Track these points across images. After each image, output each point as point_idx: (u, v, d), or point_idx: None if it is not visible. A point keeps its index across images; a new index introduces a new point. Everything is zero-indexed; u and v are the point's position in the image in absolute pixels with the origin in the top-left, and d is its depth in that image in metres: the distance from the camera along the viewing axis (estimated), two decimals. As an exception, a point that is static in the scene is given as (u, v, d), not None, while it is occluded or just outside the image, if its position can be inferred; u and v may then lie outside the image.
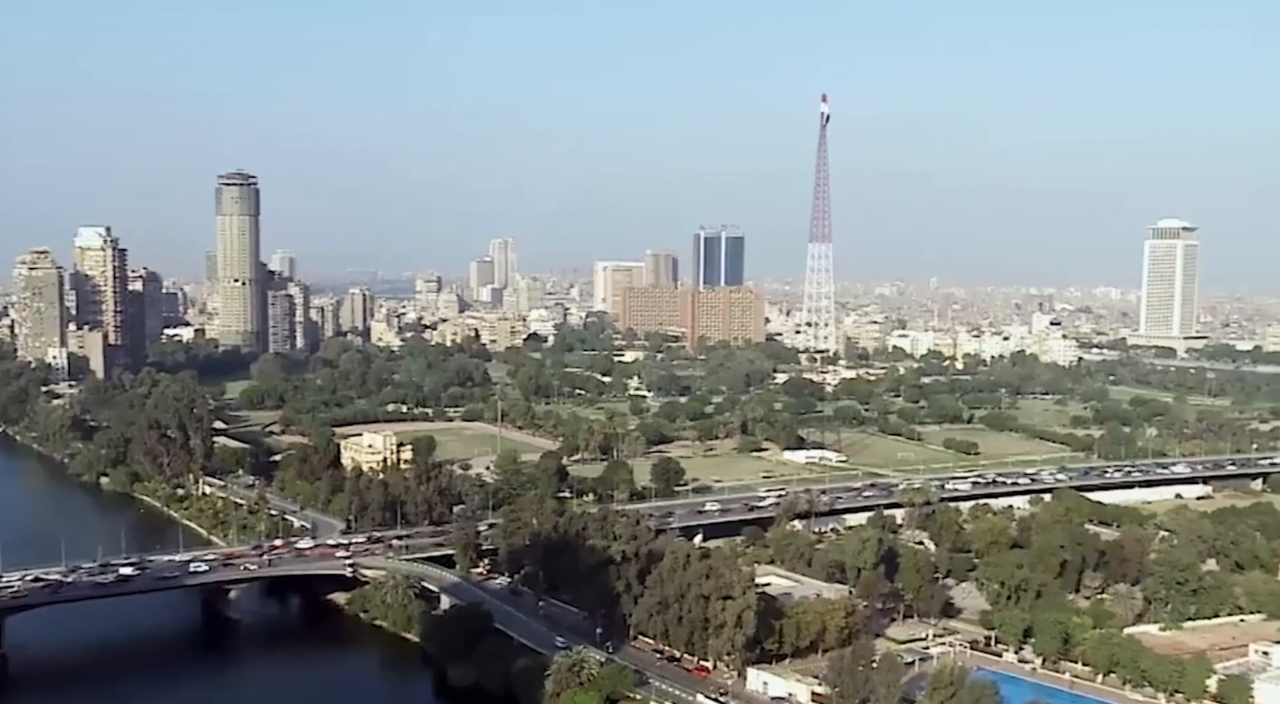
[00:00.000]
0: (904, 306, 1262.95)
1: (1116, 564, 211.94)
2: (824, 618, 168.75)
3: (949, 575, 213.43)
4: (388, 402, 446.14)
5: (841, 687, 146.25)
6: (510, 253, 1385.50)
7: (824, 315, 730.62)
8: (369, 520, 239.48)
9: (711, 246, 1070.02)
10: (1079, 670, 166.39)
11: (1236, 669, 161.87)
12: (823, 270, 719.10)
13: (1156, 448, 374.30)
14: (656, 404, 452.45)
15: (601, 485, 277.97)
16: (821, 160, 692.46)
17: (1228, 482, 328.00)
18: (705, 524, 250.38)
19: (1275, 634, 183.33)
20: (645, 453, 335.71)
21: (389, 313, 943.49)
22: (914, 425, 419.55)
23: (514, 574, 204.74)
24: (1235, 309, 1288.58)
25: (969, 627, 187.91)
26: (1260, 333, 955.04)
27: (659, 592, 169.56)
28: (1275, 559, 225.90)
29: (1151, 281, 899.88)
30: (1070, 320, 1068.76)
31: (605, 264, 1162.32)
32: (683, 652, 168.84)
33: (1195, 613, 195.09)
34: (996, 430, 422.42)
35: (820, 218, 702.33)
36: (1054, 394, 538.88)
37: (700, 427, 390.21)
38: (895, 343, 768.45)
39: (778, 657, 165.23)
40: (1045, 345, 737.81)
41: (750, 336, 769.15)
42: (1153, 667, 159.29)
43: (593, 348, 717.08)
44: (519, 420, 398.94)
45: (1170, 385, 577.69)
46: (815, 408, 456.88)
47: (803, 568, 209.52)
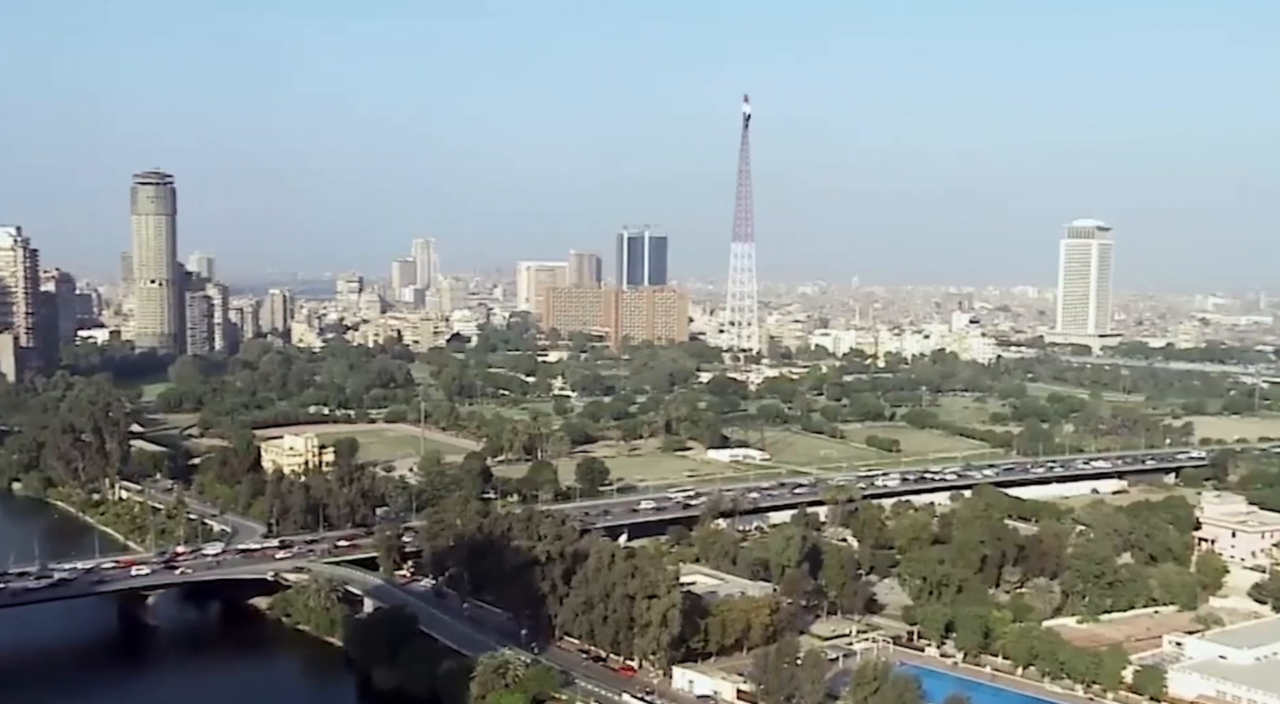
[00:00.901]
0: (826, 305, 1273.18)
1: (1035, 558, 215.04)
2: (749, 616, 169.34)
3: (872, 572, 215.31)
4: (309, 403, 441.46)
5: (766, 684, 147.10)
6: (433, 253, 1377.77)
7: (747, 314, 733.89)
8: (291, 523, 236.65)
9: (635, 246, 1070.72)
10: (999, 664, 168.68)
11: (1151, 660, 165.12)
12: (746, 270, 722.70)
13: (1073, 444, 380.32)
14: (581, 404, 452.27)
15: (526, 486, 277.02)
16: (744, 160, 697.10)
17: (1142, 476, 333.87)
18: (630, 524, 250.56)
19: (1188, 625, 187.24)
20: (570, 453, 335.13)
21: (310, 314, 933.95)
22: (836, 423, 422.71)
23: (438, 576, 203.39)
24: (1148, 307, 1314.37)
25: (892, 622, 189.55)
26: (1172, 330, 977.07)
27: (584, 592, 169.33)
28: (1188, 551, 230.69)
29: (1067, 280, 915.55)
30: (989, 319, 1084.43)
31: (529, 264, 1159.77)
32: (608, 651, 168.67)
33: (1111, 605, 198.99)
34: (918, 428, 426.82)
35: (743, 217, 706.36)
36: (974, 391, 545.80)
37: (625, 426, 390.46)
38: (818, 342, 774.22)
39: (703, 655, 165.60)
40: (965, 343, 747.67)
41: (674, 336, 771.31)
42: (1071, 659, 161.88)
43: (516, 348, 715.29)
44: (442, 421, 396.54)
45: (1086, 382, 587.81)
46: (739, 407, 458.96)
47: (727, 566, 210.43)
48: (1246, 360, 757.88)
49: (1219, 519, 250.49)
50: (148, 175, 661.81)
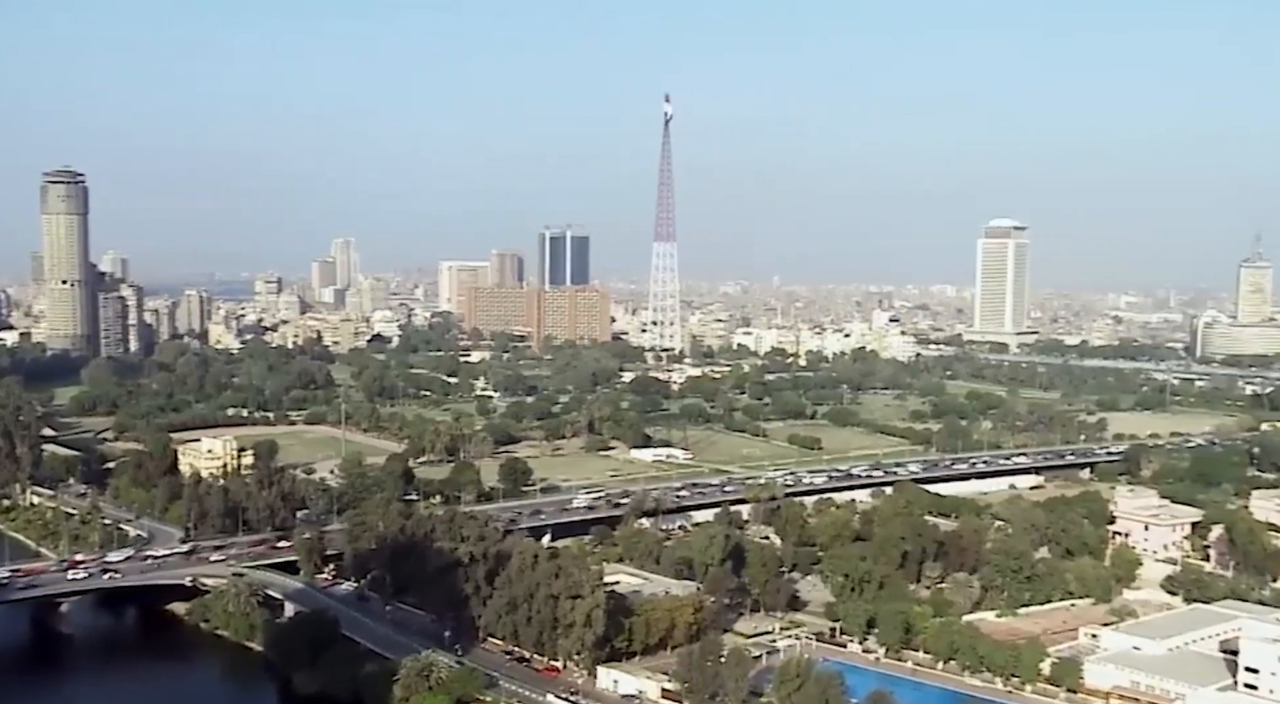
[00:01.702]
0: (748, 305, 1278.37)
1: (955, 554, 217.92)
2: (673, 615, 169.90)
3: (794, 569, 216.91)
4: (227, 406, 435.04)
5: (691, 682, 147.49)
6: (353, 253, 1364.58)
7: (669, 314, 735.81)
8: (209, 527, 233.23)
9: (557, 246, 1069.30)
10: (920, 658, 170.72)
11: (1068, 652, 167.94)
12: (668, 269, 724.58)
13: (991, 440, 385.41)
14: (503, 404, 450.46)
15: (448, 487, 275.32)
16: (665, 160, 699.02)
17: (1058, 472, 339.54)
18: (553, 524, 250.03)
19: (1103, 617, 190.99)
20: (493, 453, 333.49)
21: (227, 315, 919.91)
22: (759, 422, 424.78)
23: (360, 579, 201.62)
24: (1063, 305, 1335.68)
25: (814, 619, 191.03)
26: (1086, 328, 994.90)
27: (508, 593, 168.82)
28: (1102, 545, 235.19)
29: (985, 279, 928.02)
30: (909, 317, 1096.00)
31: (450, 264, 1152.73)
32: (532, 652, 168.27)
33: (1029, 599, 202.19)
34: (839, 426, 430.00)
35: (665, 217, 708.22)
36: (894, 389, 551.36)
37: (547, 426, 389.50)
38: (740, 341, 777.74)
39: (627, 654, 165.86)
40: (885, 342, 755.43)
41: (596, 336, 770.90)
42: (990, 652, 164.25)
43: (438, 348, 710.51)
44: (363, 423, 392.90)
45: (1003, 379, 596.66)
46: (661, 406, 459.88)
47: (651, 566, 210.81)
48: (1158, 357, 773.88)
49: (1132, 513, 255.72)
50: (58, 174, 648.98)
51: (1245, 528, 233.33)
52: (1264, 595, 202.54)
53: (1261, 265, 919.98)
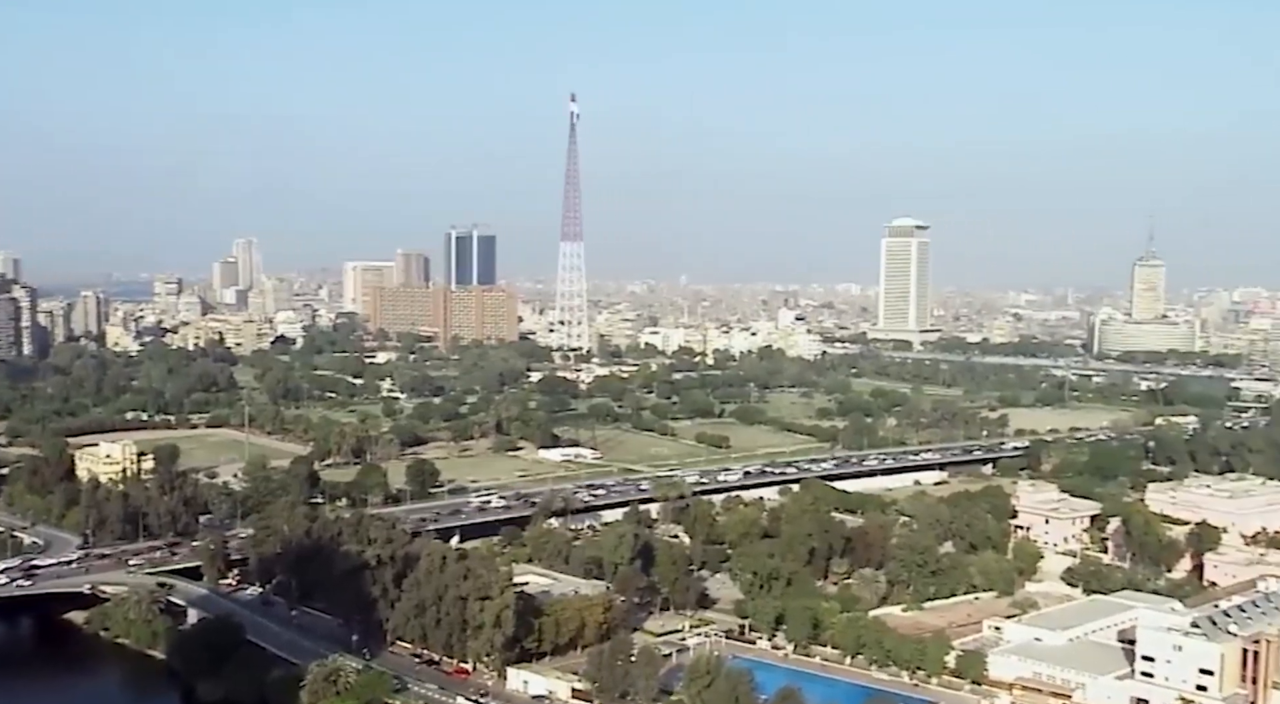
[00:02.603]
0: (655, 304, 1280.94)
1: (861, 550, 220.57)
2: (582, 614, 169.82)
3: (704, 567, 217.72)
4: (126, 409, 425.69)
5: (601, 682, 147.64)
6: (255, 253, 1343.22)
7: (576, 313, 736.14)
8: (108, 534, 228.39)
9: (463, 246, 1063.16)
10: (829, 653, 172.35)
11: (972, 645, 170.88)
12: (575, 269, 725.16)
13: (896, 437, 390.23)
14: (410, 405, 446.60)
15: (355, 489, 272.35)
16: (572, 160, 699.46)
17: (961, 467, 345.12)
18: (462, 525, 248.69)
19: (1006, 610, 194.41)
20: (400, 455, 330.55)
21: (126, 316, 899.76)
22: (667, 421, 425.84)
23: (265, 584, 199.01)
24: (965, 303, 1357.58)
25: (724, 616, 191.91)
26: (987, 326, 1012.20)
27: (416, 595, 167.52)
28: (1005, 539, 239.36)
29: (888, 278, 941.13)
30: (814, 316, 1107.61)
31: (355, 264, 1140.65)
32: (442, 654, 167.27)
33: (934, 593, 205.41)
34: (746, 424, 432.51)
35: (571, 217, 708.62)
36: (800, 387, 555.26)
37: (455, 427, 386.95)
38: (647, 340, 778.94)
39: (538, 655, 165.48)
40: (791, 340, 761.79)
41: (504, 336, 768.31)
42: (896, 646, 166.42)
43: (343, 350, 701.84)
44: (267, 425, 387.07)
45: (908, 377, 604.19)
46: (569, 406, 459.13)
47: (560, 566, 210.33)
48: (1057, 354, 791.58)
49: (1033, 507, 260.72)
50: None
51: (1141, 520, 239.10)
52: (1159, 586, 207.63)
53: (1155, 264, 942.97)
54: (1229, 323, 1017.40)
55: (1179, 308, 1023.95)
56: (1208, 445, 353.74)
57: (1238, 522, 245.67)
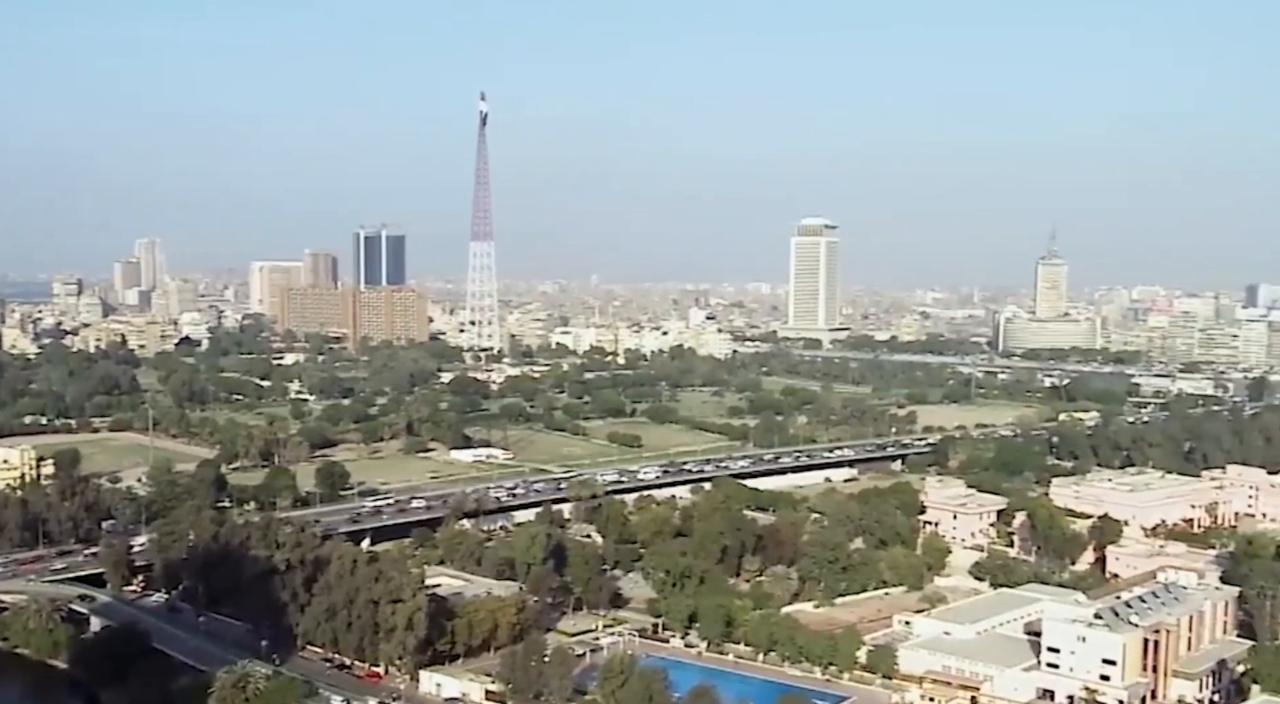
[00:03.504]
0: (566, 304, 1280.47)
1: (773, 547, 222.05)
2: (495, 616, 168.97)
3: (616, 566, 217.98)
4: (24, 413, 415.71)
5: (515, 683, 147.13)
6: (158, 253, 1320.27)
7: (487, 313, 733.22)
8: (6, 541, 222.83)
9: (372, 246, 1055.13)
10: (741, 651, 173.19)
11: (883, 639, 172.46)
12: (485, 268, 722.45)
13: (806, 435, 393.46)
14: (319, 407, 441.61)
15: (263, 493, 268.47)
16: (481, 159, 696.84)
17: (871, 464, 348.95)
18: (373, 528, 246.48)
19: (916, 604, 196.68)
20: (309, 458, 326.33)
21: (23, 318, 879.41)
22: (579, 421, 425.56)
23: (171, 590, 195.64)
24: (873, 302, 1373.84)
25: (637, 615, 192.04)
26: (895, 324, 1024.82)
27: (327, 599, 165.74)
28: (914, 534, 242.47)
29: (798, 277, 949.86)
30: (725, 315, 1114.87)
31: (262, 264, 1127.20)
32: (353, 658, 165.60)
33: (845, 589, 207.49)
34: (658, 423, 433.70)
35: (482, 216, 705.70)
36: (711, 386, 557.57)
37: (365, 429, 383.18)
38: (558, 340, 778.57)
39: (450, 657, 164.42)
40: (702, 339, 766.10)
41: (414, 336, 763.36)
42: (808, 642, 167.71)
43: (250, 351, 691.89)
44: (172, 428, 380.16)
45: (818, 375, 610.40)
46: (481, 406, 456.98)
47: (473, 567, 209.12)
48: (963, 352, 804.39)
49: (941, 503, 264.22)
50: None
51: (1046, 514, 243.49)
52: (1064, 578, 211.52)
53: (1057, 263, 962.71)
54: (1128, 320, 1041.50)
55: (1081, 306, 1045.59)
56: (1109, 440, 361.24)
57: (1138, 514, 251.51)
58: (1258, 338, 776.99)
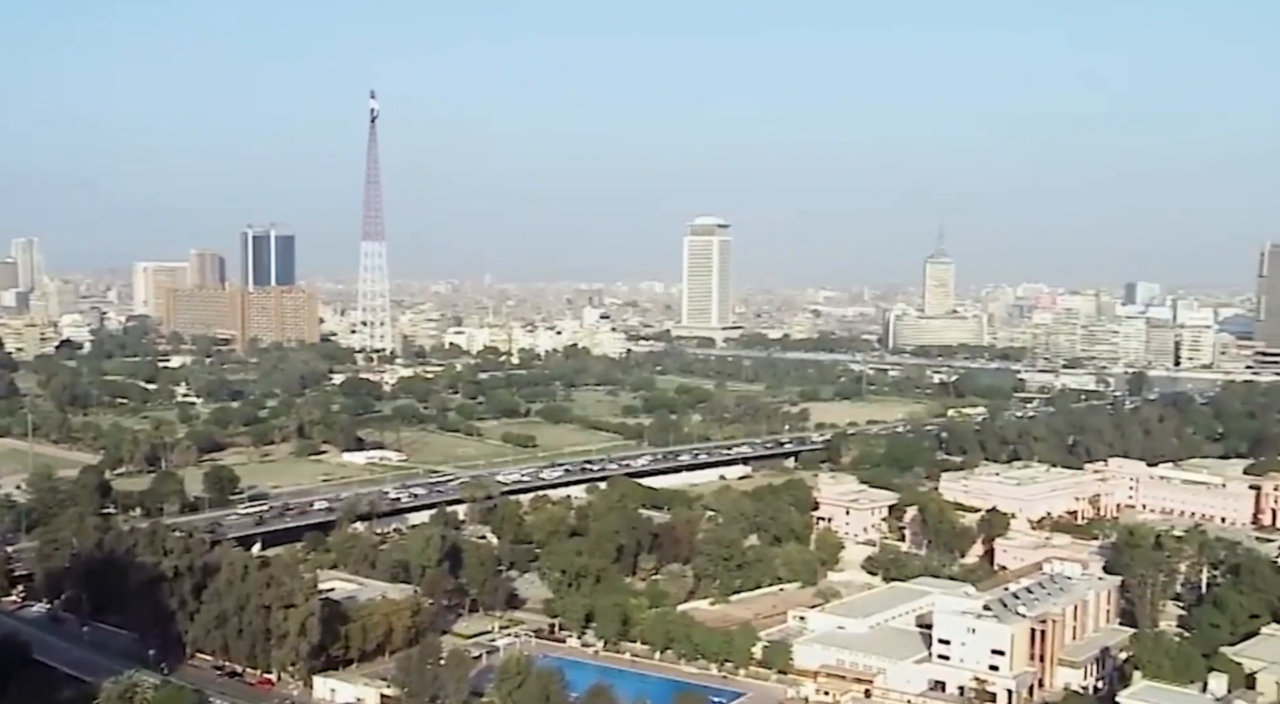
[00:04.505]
0: (459, 303, 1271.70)
1: (669, 545, 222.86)
2: (390, 619, 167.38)
3: (512, 567, 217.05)
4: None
5: (410, 686, 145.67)
6: (36, 254, 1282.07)
7: (379, 314, 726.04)
8: None
9: (261, 246, 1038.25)
10: (638, 649, 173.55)
11: (778, 635, 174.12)
12: (376, 268, 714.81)
13: (701, 433, 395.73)
14: (207, 410, 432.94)
15: (150, 498, 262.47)
16: (372, 158, 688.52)
17: (765, 462, 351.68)
18: (263, 532, 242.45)
19: (810, 600, 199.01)
20: (197, 462, 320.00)
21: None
22: (473, 421, 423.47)
23: (54, 599, 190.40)
24: (766, 301, 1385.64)
25: (533, 616, 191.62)
26: (788, 322, 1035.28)
27: (217, 606, 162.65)
28: (808, 530, 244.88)
29: (691, 276, 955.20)
30: (619, 314, 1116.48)
31: (146, 265, 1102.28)
32: (245, 665, 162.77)
33: (740, 586, 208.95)
34: (553, 423, 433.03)
35: (372, 216, 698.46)
36: (606, 385, 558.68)
37: (255, 432, 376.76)
38: (452, 340, 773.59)
39: (344, 662, 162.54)
40: (596, 338, 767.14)
41: (304, 337, 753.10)
42: (704, 639, 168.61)
43: (135, 354, 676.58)
44: (53, 434, 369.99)
45: (711, 373, 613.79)
46: (373, 408, 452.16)
47: (367, 570, 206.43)
48: (854, 349, 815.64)
49: (834, 499, 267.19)
50: None
51: (936, 509, 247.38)
52: (954, 571, 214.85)
53: (944, 261, 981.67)
54: (1014, 318, 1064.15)
55: (968, 304, 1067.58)
56: (996, 435, 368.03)
57: (1024, 507, 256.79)
58: (1136, 334, 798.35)
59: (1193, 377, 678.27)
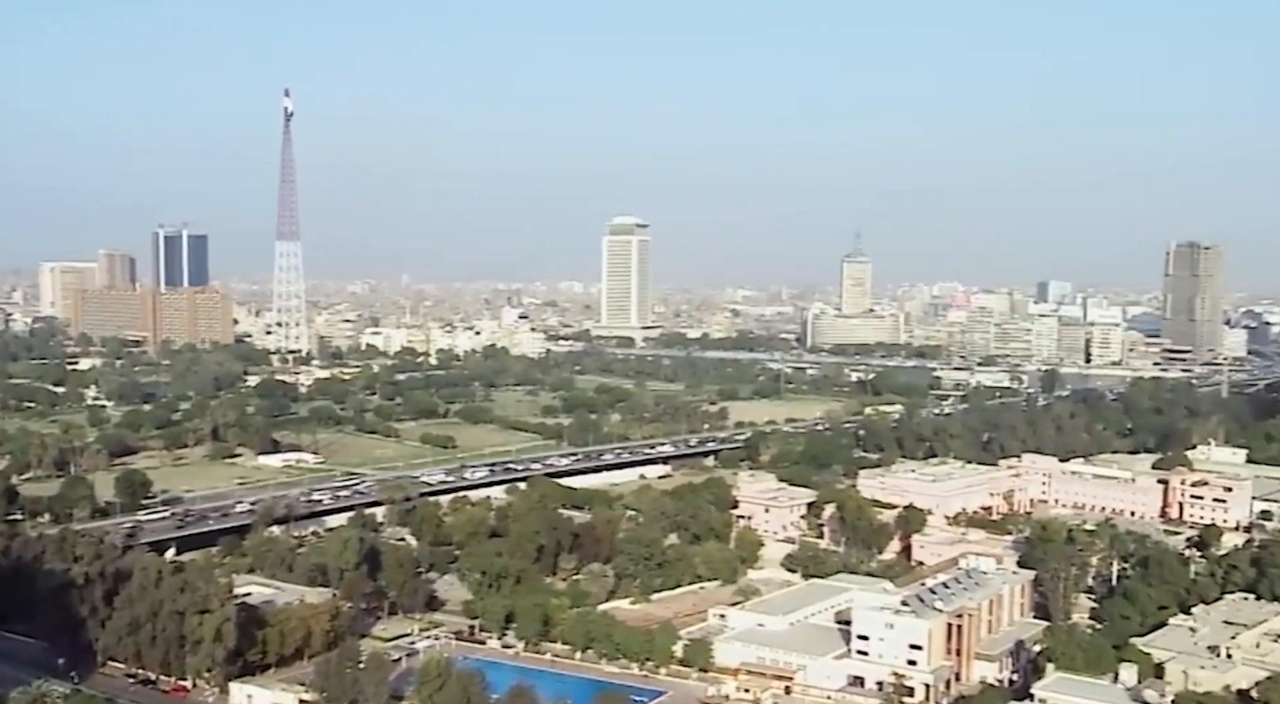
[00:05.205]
0: (377, 304, 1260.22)
1: (590, 545, 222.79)
2: (308, 623, 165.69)
3: (432, 569, 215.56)
4: None
5: (329, 691, 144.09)
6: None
7: (295, 315, 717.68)
8: None
9: (173, 245, 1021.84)
10: (559, 649, 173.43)
11: (699, 633, 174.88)
12: (292, 269, 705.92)
13: (621, 433, 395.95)
14: (118, 414, 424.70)
15: (59, 504, 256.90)
16: (287, 157, 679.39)
17: (684, 461, 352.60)
18: (178, 537, 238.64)
19: (730, 598, 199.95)
20: (108, 466, 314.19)
21: None
22: (391, 423, 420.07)
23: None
24: (685, 300, 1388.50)
25: (453, 618, 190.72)
26: (707, 322, 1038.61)
27: (129, 612, 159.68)
28: (728, 529, 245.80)
29: (610, 276, 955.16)
30: (538, 314, 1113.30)
31: (53, 265, 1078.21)
32: (159, 673, 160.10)
33: (661, 585, 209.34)
34: (472, 423, 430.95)
35: (287, 215, 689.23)
36: (525, 385, 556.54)
37: (168, 435, 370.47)
38: (369, 341, 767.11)
39: (262, 667, 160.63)
40: (515, 338, 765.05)
41: (218, 339, 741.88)
42: (625, 639, 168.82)
43: (42, 356, 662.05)
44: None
45: (631, 373, 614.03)
46: (290, 409, 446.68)
47: (284, 574, 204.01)
48: (773, 348, 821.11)
49: (753, 497, 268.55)
50: None
51: (854, 506, 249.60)
52: (872, 567, 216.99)
53: (861, 260, 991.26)
54: (929, 316, 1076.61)
55: (884, 302, 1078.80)
56: (913, 432, 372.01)
57: (941, 503, 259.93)
58: (1049, 332, 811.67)
59: (1103, 373, 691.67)
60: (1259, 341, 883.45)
